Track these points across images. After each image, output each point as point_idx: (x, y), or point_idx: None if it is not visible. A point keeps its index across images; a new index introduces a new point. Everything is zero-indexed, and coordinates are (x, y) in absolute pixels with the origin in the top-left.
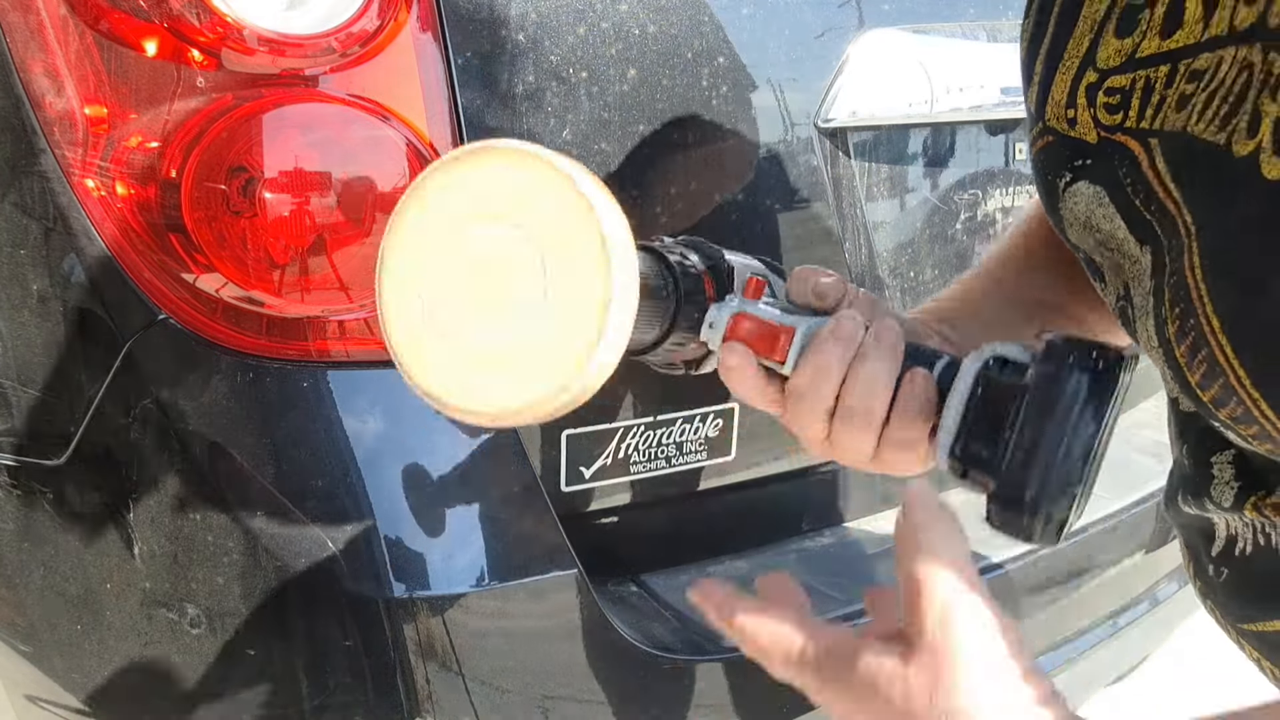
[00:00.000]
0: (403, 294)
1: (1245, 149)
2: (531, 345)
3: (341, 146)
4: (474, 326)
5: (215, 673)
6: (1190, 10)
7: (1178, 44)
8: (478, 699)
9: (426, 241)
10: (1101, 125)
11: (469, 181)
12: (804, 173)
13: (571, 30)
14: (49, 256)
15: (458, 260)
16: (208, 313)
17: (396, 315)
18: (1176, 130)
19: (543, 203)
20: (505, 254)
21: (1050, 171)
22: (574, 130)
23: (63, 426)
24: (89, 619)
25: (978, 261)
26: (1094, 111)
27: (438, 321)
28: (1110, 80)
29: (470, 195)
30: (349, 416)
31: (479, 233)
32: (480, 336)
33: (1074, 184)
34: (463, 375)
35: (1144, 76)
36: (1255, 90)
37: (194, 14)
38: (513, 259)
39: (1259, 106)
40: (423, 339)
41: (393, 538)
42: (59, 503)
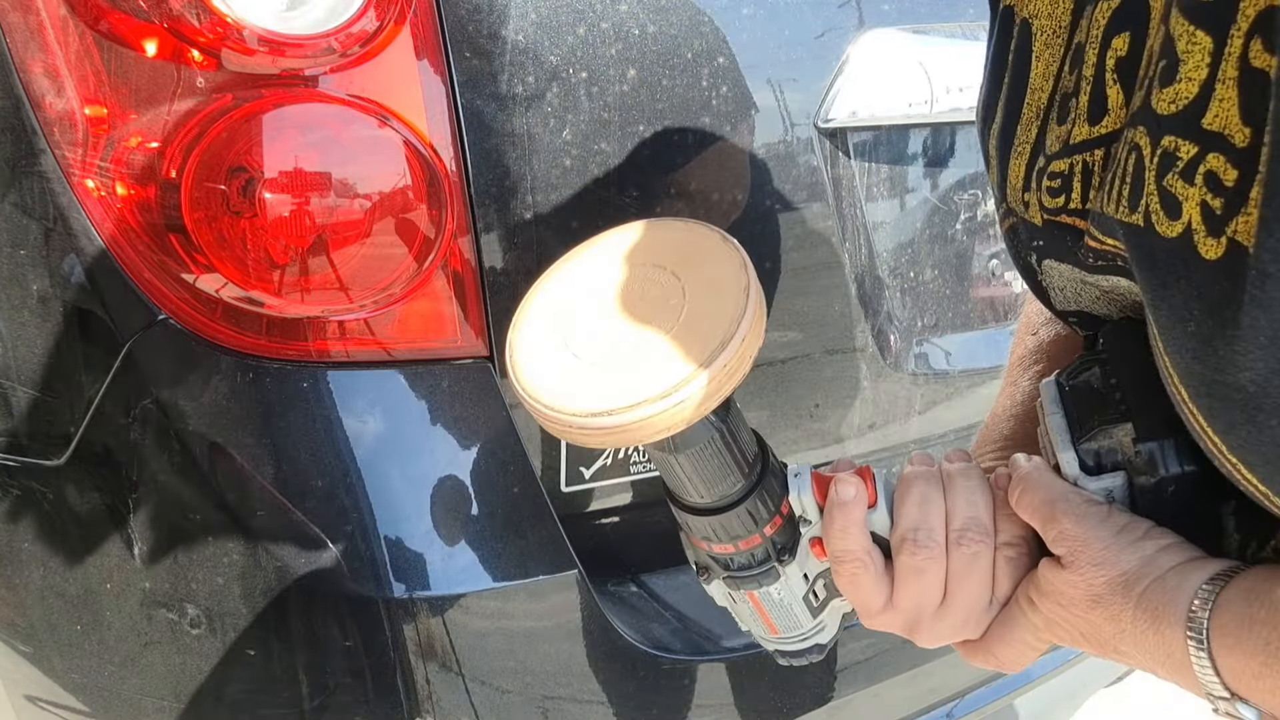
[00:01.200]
0: (545, 313)
1: (1173, 230)
2: (645, 366)
3: (341, 146)
4: (599, 343)
5: (215, 673)
6: (1111, 97)
7: (1105, 129)
8: (478, 699)
9: (589, 275)
10: (1045, 209)
11: (648, 235)
12: (804, 173)
13: (571, 30)
14: (49, 256)
15: (607, 292)
16: (208, 313)
17: (532, 324)
18: (1098, 211)
19: (707, 260)
20: (656, 290)
21: (1021, 251)
22: (574, 130)
23: (63, 426)
24: (89, 619)
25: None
26: (1040, 195)
27: (571, 335)
28: (1052, 165)
29: (644, 246)
30: (349, 416)
31: (640, 274)
32: (601, 350)
33: (1043, 262)
34: (573, 382)
35: (1081, 161)
36: (1151, 172)
37: (194, 14)
38: (661, 294)
39: (1165, 188)
40: (548, 345)
41: (393, 538)
42: (59, 503)
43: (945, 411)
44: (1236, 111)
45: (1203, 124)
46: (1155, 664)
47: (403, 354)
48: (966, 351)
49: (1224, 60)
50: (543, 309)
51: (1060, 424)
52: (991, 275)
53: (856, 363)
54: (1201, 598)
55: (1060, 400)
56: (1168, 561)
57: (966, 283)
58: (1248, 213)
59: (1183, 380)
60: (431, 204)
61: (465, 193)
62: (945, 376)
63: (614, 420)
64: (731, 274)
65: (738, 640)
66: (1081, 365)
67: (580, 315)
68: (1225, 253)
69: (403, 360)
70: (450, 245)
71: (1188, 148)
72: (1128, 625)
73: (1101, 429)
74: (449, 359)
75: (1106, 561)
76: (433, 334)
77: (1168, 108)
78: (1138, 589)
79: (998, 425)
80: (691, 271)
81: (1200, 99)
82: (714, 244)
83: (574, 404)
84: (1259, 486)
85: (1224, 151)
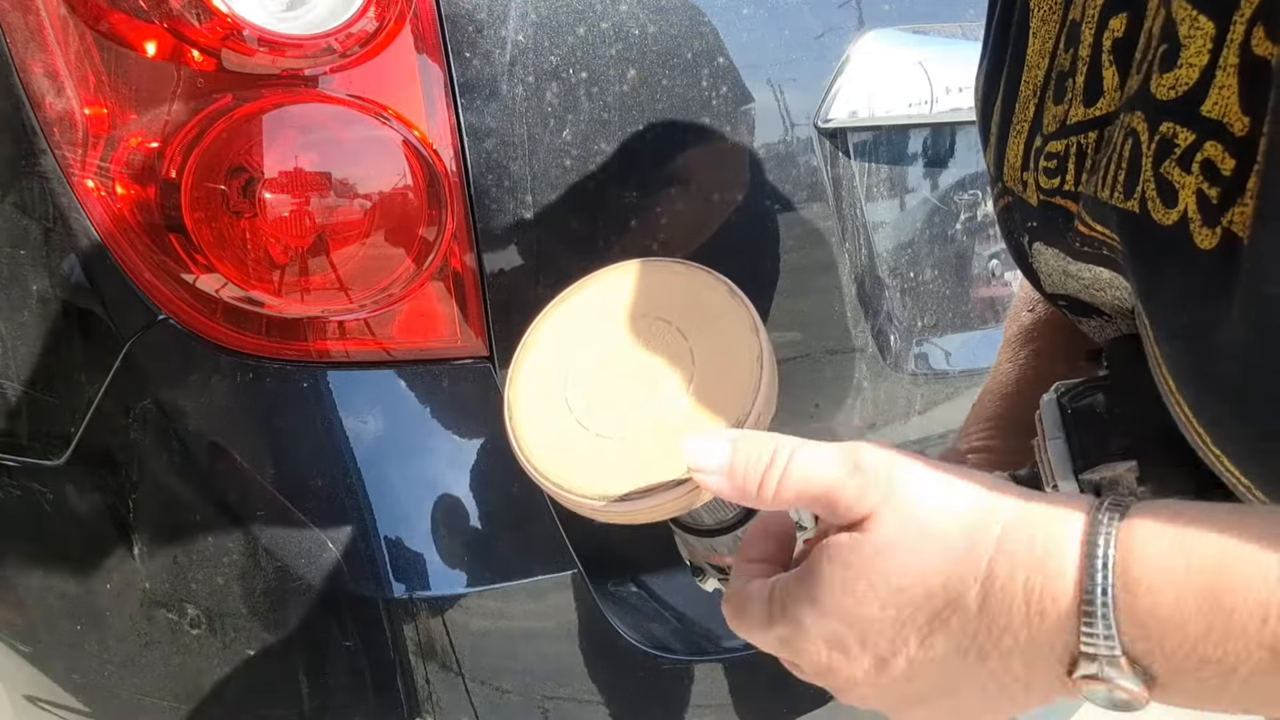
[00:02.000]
0: (542, 372)
1: (1169, 218)
2: (657, 440)
3: (341, 146)
4: (606, 412)
5: (215, 673)
6: (1107, 79)
7: (1100, 111)
8: (478, 699)
9: (583, 326)
10: (1041, 189)
11: (648, 282)
12: (804, 173)
13: (571, 30)
14: (49, 256)
15: (609, 349)
16: (208, 313)
17: (528, 390)
18: (1090, 195)
19: (716, 319)
20: (662, 351)
21: (1015, 231)
22: (574, 130)
23: (63, 426)
24: (89, 619)
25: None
26: (1035, 175)
27: (575, 397)
28: (1048, 146)
29: (645, 296)
30: (349, 416)
31: (643, 328)
32: (609, 420)
33: (1033, 244)
34: (581, 456)
35: (1076, 142)
36: (1149, 159)
37: (194, 14)
38: (668, 358)
39: (1163, 175)
40: (550, 414)
41: (393, 538)
42: (59, 503)
43: (945, 411)
44: (1236, 100)
45: (1202, 111)
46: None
47: (403, 354)
48: (966, 351)
49: (1226, 47)
50: (542, 362)
51: (1062, 451)
52: (992, 275)
53: (856, 363)
54: (1100, 532)
55: (1062, 424)
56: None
57: (967, 283)
58: (1244, 203)
59: (1171, 371)
60: (431, 204)
61: (465, 193)
62: (945, 376)
63: (626, 506)
64: (743, 338)
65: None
66: (1085, 387)
67: (582, 373)
68: (1220, 243)
69: (403, 360)
70: (450, 245)
71: (1185, 134)
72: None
73: (1105, 463)
74: (449, 359)
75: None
76: (433, 334)
77: (1167, 93)
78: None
79: (988, 403)
80: (699, 331)
81: (1200, 85)
82: (721, 298)
83: (583, 483)
84: (1241, 480)
85: (1222, 140)
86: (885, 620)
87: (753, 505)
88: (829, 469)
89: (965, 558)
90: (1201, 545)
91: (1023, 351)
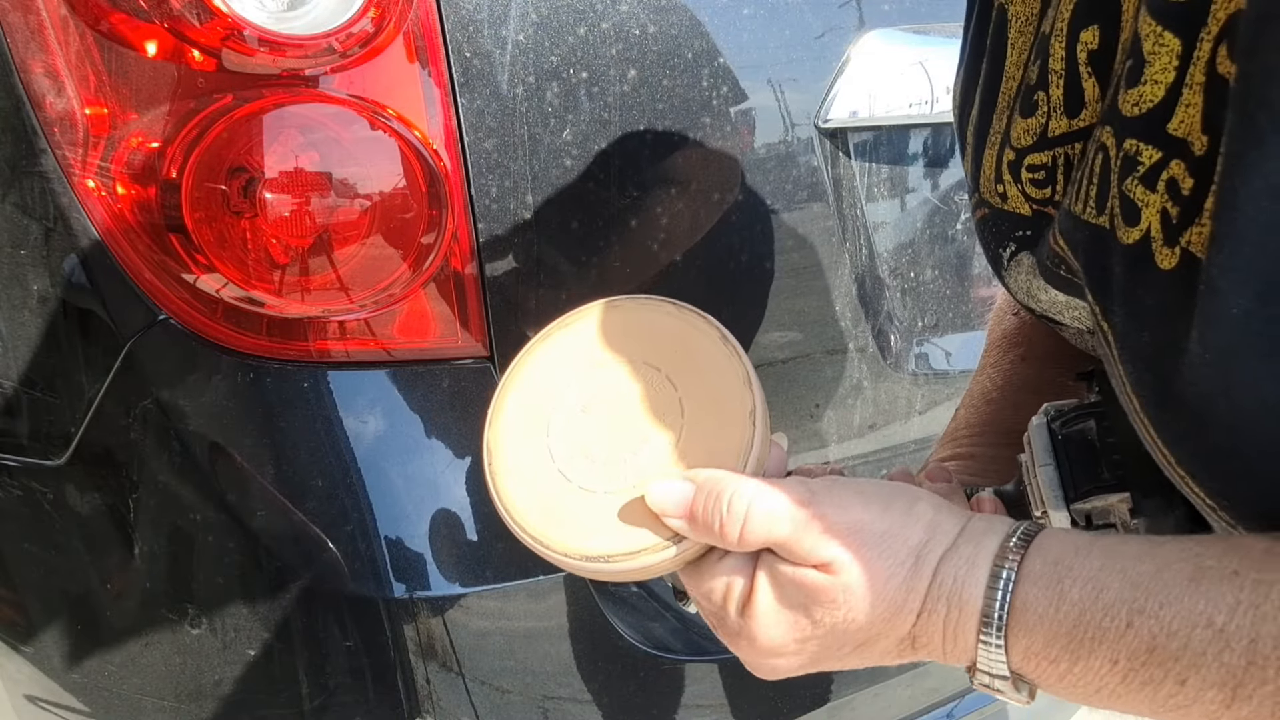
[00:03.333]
0: (527, 418)
1: (1130, 237)
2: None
3: (341, 146)
4: (591, 464)
5: (215, 673)
6: (1088, 91)
7: (1084, 123)
8: (478, 699)
9: (565, 369)
10: (1033, 200)
11: (637, 323)
12: (804, 173)
13: (571, 30)
14: (49, 256)
15: (594, 394)
16: (208, 313)
17: (512, 446)
18: (1066, 207)
19: (706, 369)
20: (650, 400)
21: (993, 242)
22: (574, 130)
23: (63, 426)
24: (89, 619)
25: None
26: (1022, 186)
27: (558, 446)
28: (1029, 158)
29: (634, 338)
30: (349, 416)
31: (630, 374)
32: (594, 474)
33: (1017, 254)
34: (564, 512)
35: (1062, 154)
36: (1115, 175)
37: (194, 14)
38: (655, 409)
39: (1125, 192)
40: (537, 471)
41: (393, 538)
42: (59, 503)
43: (945, 411)
44: (1199, 118)
45: (1168, 129)
46: (900, 642)
47: (403, 354)
48: (967, 351)
49: (1193, 64)
50: (524, 403)
51: (1052, 479)
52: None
53: (857, 363)
54: (1002, 576)
55: (1053, 450)
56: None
57: (967, 283)
58: (1201, 223)
59: (1135, 389)
60: (431, 204)
61: (465, 193)
62: (945, 376)
63: (611, 566)
64: (735, 392)
65: None
66: (1077, 414)
67: (566, 418)
68: (1179, 263)
69: (403, 360)
70: (450, 245)
71: (1150, 152)
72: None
73: (1097, 494)
74: (449, 359)
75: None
76: (433, 334)
77: (1131, 109)
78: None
79: (973, 408)
80: (689, 381)
81: (1166, 103)
82: (713, 346)
83: (567, 541)
84: (1206, 500)
85: (1184, 159)
86: (820, 641)
87: (720, 546)
88: (785, 521)
89: (901, 613)
90: (1079, 579)
91: (1007, 356)
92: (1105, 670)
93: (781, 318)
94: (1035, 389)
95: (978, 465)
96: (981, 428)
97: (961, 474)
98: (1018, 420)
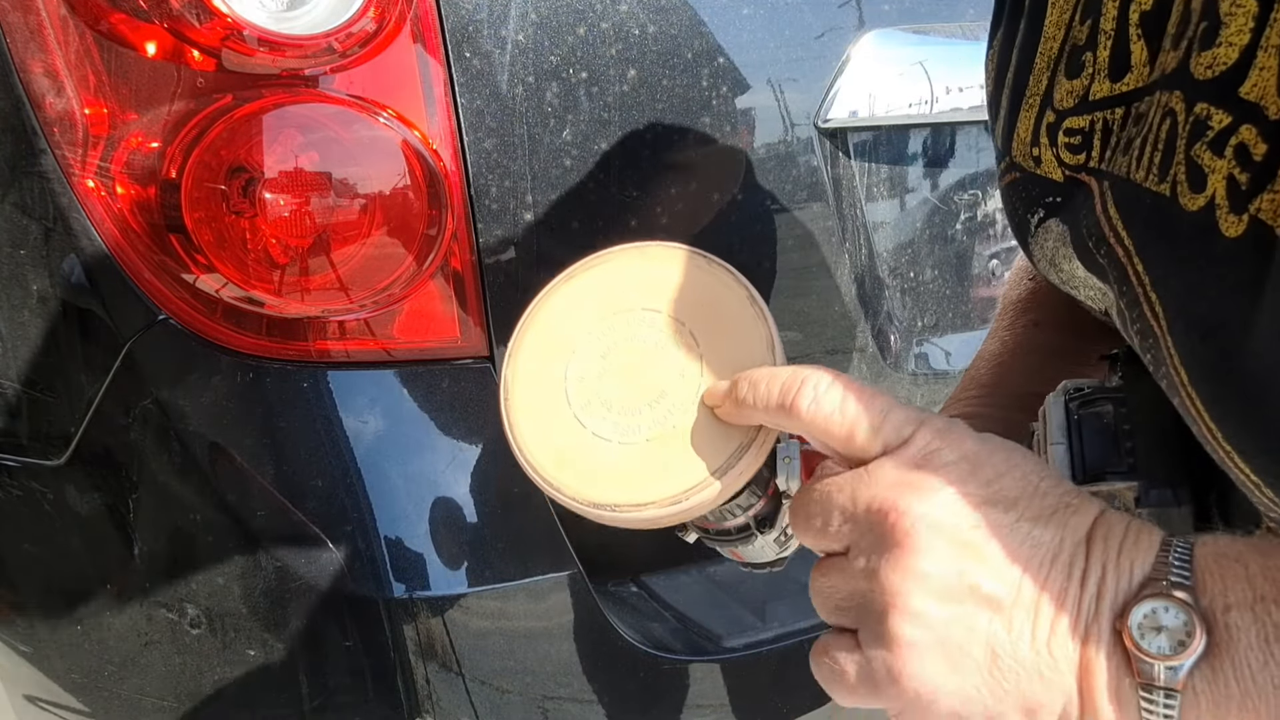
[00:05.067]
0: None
1: (1195, 204)
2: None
3: (341, 146)
4: (608, 411)
5: (215, 673)
6: (1135, 54)
7: (1128, 87)
8: (478, 699)
9: (579, 321)
10: (1065, 165)
11: (665, 272)
12: (804, 173)
13: (571, 30)
14: (49, 256)
15: (615, 340)
16: (208, 313)
17: (529, 387)
18: (1122, 175)
19: (731, 327)
20: (670, 354)
21: (1020, 207)
22: (574, 130)
23: (63, 426)
24: (89, 619)
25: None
26: (1057, 151)
27: (576, 388)
28: (1068, 121)
29: (660, 287)
30: (349, 416)
31: (653, 324)
32: (608, 422)
33: (1046, 221)
34: (576, 457)
35: (1101, 118)
36: (1183, 140)
37: (194, 14)
38: (675, 363)
39: (1193, 158)
40: (555, 417)
41: (393, 538)
42: (59, 503)
43: None
44: (1276, 82)
45: (1240, 92)
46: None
47: (403, 354)
48: (967, 351)
49: (1270, 26)
50: (544, 341)
51: (1063, 458)
52: (992, 275)
53: (856, 363)
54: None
55: (1067, 429)
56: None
57: (967, 283)
58: (1274, 190)
59: (1184, 362)
60: (431, 204)
61: (465, 193)
62: (945, 376)
63: (616, 515)
64: (758, 354)
65: (738, 640)
66: (1096, 394)
67: (584, 362)
68: (1246, 230)
69: (403, 360)
70: (450, 245)
71: (1220, 116)
72: None
73: (1106, 479)
74: (449, 359)
75: None
76: (433, 334)
77: (1204, 72)
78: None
79: (982, 369)
80: (713, 337)
81: (1240, 66)
82: (741, 305)
83: (576, 487)
84: (1250, 476)
85: (1257, 123)
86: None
87: (783, 417)
88: (869, 394)
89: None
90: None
91: (1020, 320)
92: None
93: (781, 318)
94: (1047, 355)
95: (983, 426)
96: (990, 389)
97: None
98: (1026, 385)
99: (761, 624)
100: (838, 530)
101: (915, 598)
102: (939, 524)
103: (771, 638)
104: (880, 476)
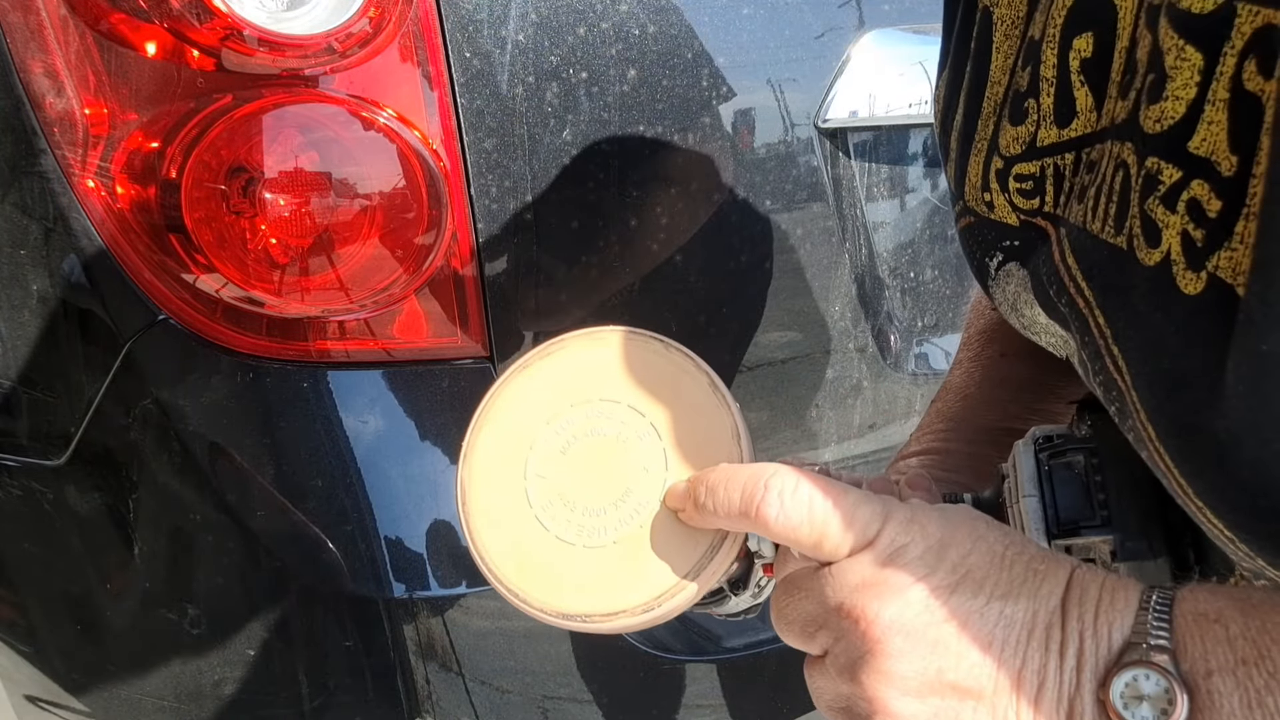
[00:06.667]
0: (503, 463)
1: (1152, 259)
2: (629, 556)
3: (341, 146)
4: (571, 513)
5: (215, 673)
6: (1080, 100)
7: (1076, 133)
8: (478, 699)
9: (533, 420)
10: (1019, 210)
11: (623, 360)
12: (804, 173)
13: (571, 30)
14: (49, 256)
15: (574, 435)
16: (208, 313)
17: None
18: (1078, 224)
19: (695, 417)
20: (633, 448)
21: (978, 251)
22: (574, 130)
23: (63, 426)
24: (89, 619)
25: None
26: (1009, 196)
27: (536, 488)
28: (1017, 167)
29: (618, 377)
30: (349, 416)
31: (613, 416)
32: (573, 525)
33: (1005, 264)
34: (541, 564)
35: (1051, 164)
36: (1136, 193)
37: (194, 14)
38: (638, 458)
39: (1147, 212)
40: (517, 519)
41: (393, 538)
42: (59, 503)
43: None
44: (1225, 137)
45: (1189, 147)
46: None
47: (403, 354)
48: None
49: (1215, 80)
50: (501, 440)
51: (1036, 510)
52: None
53: (856, 363)
54: (1151, 623)
55: (1038, 480)
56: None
57: (967, 283)
58: (1231, 248)
59: (1151, 418)
60: (431, 204)
61: (465, 193)
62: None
63: (587, 625)
64: (723, 446)
65: (737, 640)
66: (1066, 443)
67: (544, 460)
68: (1206, 288)
69: (403, 360)
70: (450, 245)
71: (1171, 171)
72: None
73: (1081, 533)
74: (449, 359)
75: None
76: (432, 334)
77: (1153, 126)
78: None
79: (948, 402)
80: (676, 430)
81: (1187, 120)
82: (702, 393)
83: (544, 596)
84: (1224, 531)
85: (1209, 179)
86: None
87: (747, 525)
88: (834, 493)
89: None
90: (1242, 609)
91: (987, 350)
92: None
93: (781, 318)
94: (1015, 388)
95: (951, 462)
96: (958, 423)
97: (934, 469)
98: (995, 419)
99: (761, 624)
100: (813, 637)
101: (895, 702)
102: (908, 627)
103: (771, 638)
104: (846, 580)
